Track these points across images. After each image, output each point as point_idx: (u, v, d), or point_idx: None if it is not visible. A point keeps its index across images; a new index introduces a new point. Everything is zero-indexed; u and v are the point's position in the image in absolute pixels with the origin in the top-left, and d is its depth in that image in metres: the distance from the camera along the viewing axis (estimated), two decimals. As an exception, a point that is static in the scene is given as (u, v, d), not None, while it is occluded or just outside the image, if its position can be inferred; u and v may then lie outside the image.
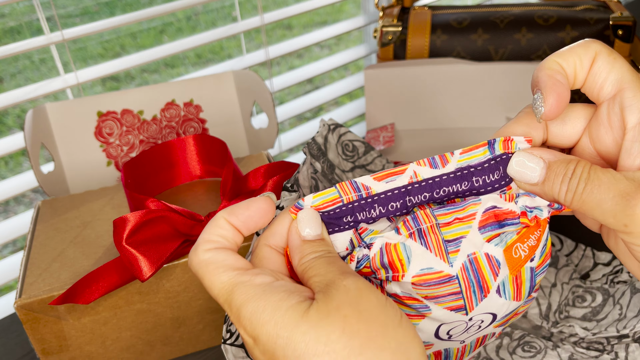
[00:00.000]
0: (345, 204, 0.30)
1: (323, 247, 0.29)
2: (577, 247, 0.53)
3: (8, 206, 1.64)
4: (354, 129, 0.91)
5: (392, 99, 0.66)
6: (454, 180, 0.30)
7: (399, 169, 0.30)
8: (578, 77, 0.29)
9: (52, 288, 0.42)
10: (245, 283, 0.27)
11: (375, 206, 0.30)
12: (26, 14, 2.50)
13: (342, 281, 0.26)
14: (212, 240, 0.29)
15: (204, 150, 0.54)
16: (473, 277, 0.30)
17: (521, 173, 0.29)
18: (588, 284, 0.50)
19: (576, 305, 0.48)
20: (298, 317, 0.25)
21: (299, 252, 0.29)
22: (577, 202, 0.28)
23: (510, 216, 0.30)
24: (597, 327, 0.46)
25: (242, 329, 0.26)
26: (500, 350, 0.45)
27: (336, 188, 0.30)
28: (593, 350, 0.44)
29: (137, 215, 0.42)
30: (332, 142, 0.51)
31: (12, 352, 0.53)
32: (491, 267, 0.30)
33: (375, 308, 0.25)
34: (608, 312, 0.47)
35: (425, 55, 0.68)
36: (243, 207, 0.29)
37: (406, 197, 0.30)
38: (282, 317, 0.25)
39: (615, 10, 0.65)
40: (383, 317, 0.25)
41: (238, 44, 2.41)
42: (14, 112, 2.03)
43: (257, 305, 0.26)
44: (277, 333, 0.25)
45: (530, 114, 0.31)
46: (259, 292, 0.26)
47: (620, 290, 0.48)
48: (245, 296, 0.26)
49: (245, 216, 0.29)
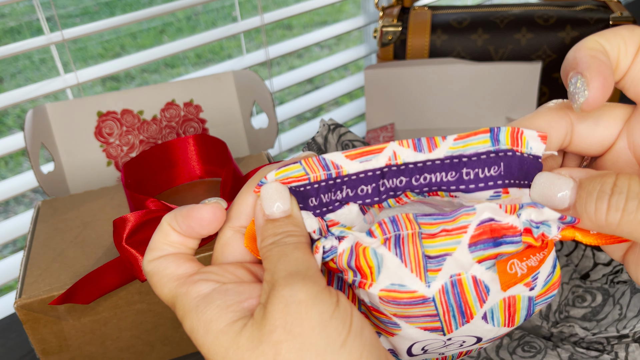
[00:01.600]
0: (312, 182, 0.26)
1: (285, 227, 0.25)
2: (577, 247, 0.53)
3: (8, 206, 1.64)
4: (354, 129, 0.91)
5: (392, 99, 0.66)
6: (439, 168, 0.25)
7: (376, 147, 0.26)
8: (620, 66, 0.24)
9: (52, 288, 0.42)
10: (183, 295, 0.24)
11: (343, 187, 0.26)
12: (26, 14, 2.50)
13: (283, 289, 0.22)
14: (156, 248, 0.26)
15: (204, 150, 0.54)
16: (454, 301, 0.24)
17: (547, 197, 0.24)
18: (588, 284, 0.50)
19: (576, 305, 0.48)
20: (228, 344, 0.22)
21: (260, 234, 0.25)
22: (627, 224, 0.21)
23: (510, 232, 0.24)
24: (597, 327, 0.46)
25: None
26: (500, 350, 0.45)
27: (301, 164, 0.26)
28: (593, 350, 0.44)
29: (137, 215, 0.42)
30: (332, 142, 0.51)
31: (12, 352, 0.53)
32: (478, 292, 0.24)
33: (314, 329, 0.21)
34: (608, 312, 0.47)
35: (425, 55, 0.68)
36: (183, 215, 0.26)
37: (379, 180, 0.26)
38: (212, 341, 0.23)
39: (615, 10, 0.65)
40: (323, 341, 0.21)
41: (238, 44, 2.41)
42: (14, 112, 2.03)
43: (192, 323, 0.23)
44: (211, 357, 0.23)
45: (555, 110, 0.26)
46: (193, 308, 0.24)
47: (620, 290, 0.48)
48: (182, 311, 0.24)
49: (186, 225, 0.26)
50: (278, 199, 0.25)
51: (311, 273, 0.23)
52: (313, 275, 0.23)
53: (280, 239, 0.24)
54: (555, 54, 0.66)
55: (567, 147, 0.26)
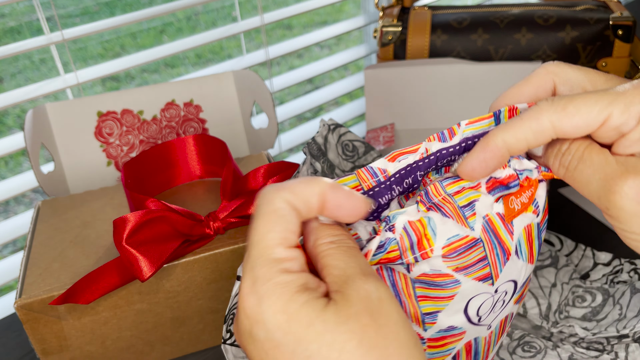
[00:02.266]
0: (366, 190, 0.30)
1: (340, 232, 0.27)
2: (577, 247, 0.53)
3: (8, 206, 1.64)
4: (354, 129, 0.91)
5: (392, 99, 0.66)
6: (458, 151, 0.31)
7: (412, 149, 0.31)
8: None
9: (52, 288, 0.42)
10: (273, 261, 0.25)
11: (393, 187, 0.31)
12: (26, 14, 2.50)
13: (364, 284, 0.24)
14: (292, 191, 0.26)
15: (204, 150, 0.54)
16: (494, 238, 0.30)
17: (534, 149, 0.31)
18: (588, 284, 0.50)
19: (576, 305, 0.48)
20: (314, 315, 0.23)
21: (315, 233, 0.27)
22: (569, 179, 0.29)
23: (511, 180, 0.31)
24: (597, 327, 0.46)
25: (247, 309, 0.24)
26: (501, 351, 0.45)
27: (355, 175, 0.30)
28: (593, 350, 0.44)
29: (137, 215, 0.42)
30: (332, 142, 0.51)
31: (12, 352, 0.53)
32: (505, 226, 0.31)
33: (396, 324, 0.24)
34: (608, 312, 0.47)
35: (425, 55, 0.68)
36: (345, 194, 0.27)
37: (417, 172, 0.31)
38: (297, 310, 0.23)
39: (615, 10, 0.65)
40: (403, 335, 0.24)
41: (238, 44, 2.41)
42: (14, 112, 2.03)
43: (272, 290, 0.24)
44: (288, 327, 0.23)
45: (542, 75, 0.31)
46: (280, 280, 0.24)
47: (620, 290, 0.48)
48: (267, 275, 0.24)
49: (339, 200, 0.26)
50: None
51: (378, 276, 0.25)
52: (380, 278, 0.25)
53: (339, 239, 0.26)
54: (555, 54, 0.66)
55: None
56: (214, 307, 0.48)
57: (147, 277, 0.41)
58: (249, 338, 0.24)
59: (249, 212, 0.46)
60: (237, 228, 0.47)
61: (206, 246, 0.46)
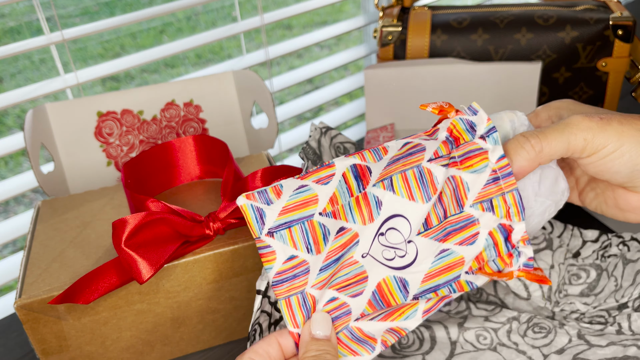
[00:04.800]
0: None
1: (325, 347, 0.35)
2: (565, 228, 0.55)
3: (8, 206, 1.64)
4: (354, 129, 0.91)
5: (392, 99, 0.66)
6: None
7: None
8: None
9: (52, 288, 0.42)
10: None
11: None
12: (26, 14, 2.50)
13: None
14: (256, 351, 0.35)
15: (204, 151, 0.54)
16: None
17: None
18: (580, 261, 0.52)
19: (572, 283, 0.50)
20: None
21: (304, 346, 0.35)
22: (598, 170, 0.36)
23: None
24: (596, 300, 0.48)
25: None
26: (512, 335, 0.46)
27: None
28: (596, 324, 0.46)
29: (136, 217, 0.42)
30: (325, 145, 0.52)
31: (12, 352, 0.53)
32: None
33: None
34: (604, 286, 0.48)
35: (425, 55, 0.68)
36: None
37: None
38: None
39: (615, 10, 0.65)
40: None
41: (238, 44, 2.41)
42: (14, 112, 2.03)
43: None
44: None
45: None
46: None
47: (612, 263, 0.50)
48: None
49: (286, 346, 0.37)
50: (324, 326, 0.36)
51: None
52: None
53: (321, 354, 0.34)
54: (555, 54, 0.66)
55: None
56: (214, 307, 0.48)
57: (146, 279, 0.41)
58: None
59: None
60: (237, 228, 0.47)
61: (206, 246, 0.46)
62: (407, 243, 0.37)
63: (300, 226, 0.36)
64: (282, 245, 0.36)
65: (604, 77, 0.67)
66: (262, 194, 0.37)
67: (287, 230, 0.36)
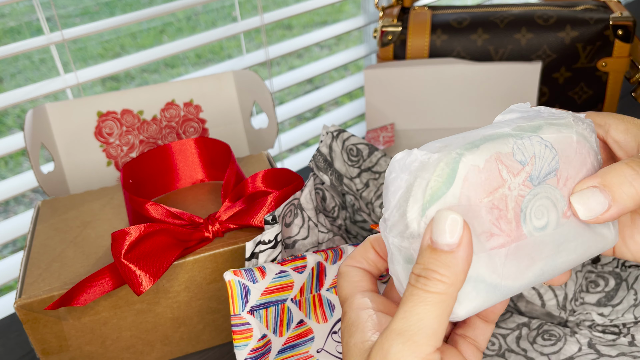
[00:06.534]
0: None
1: (437, 266, 0.25)
2: None
3: (8, 206, 1.64)
4: (354, 129, 0.91)
5: (392, 99, 0.66)
6: None
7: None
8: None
9: (52, 288, 0.42)
10: (349, 304, 0.30)
11: None
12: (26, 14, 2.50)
13: (390, 346, 0.25)
14: (355, 257, 0.32)
15: (206, 153, 0.54)
16: None
17: (592, 210, 0.28)
18: (600, 268, 0.50)
19: (590, 291, 0.48)
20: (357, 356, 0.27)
21: (418, 258, 0.26)
22: None
23: None
24: (613, 312, 0.47)
25: None
26: (521, 341, 0.46)
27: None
28: (609, 334, 0.45)
29: (137, 230, 0.42)
30: (337, 150, 0.51)
31: (12, 352, 0.53)
32: None
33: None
34: (623, 297, 0.47)
35: (425, 55, 0.68)
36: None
37: None
38: (347, 353, 0.28)
39: (615, 10, 0.65)
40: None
41: (238, 44, 2.41)
42: (14, 112, 2.03)
43: (343, 333, 0.29)
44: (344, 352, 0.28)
45: None
46: (346, 322, 0.29)
47: (633, 274, 0.48)
48: (343, 319, 0.30)
49: (383, 249, 0.32)
50: (451, 228, 0.24)
51: (432, 341, 0.25)
52: (428, 341, 0.25)
53: (425, 280, 0.25)
54: (555, 54, 0.66)
55: None
56: (214, 307, 0.48)
57: (145, 290, 0.41)
58: None
59: (250, 222, 0.46)
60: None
61: (206, 246, 0.46)
62: None
63: (274, 308, 0.40)
64: (259, 324, 0.39)
65: (604, 77, 0.67)
66: (248, 272, 0.39)
67: (264, 310, 0.39)
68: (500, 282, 0.26)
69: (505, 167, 0.26)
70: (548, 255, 0.28)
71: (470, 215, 0.26)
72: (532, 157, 0.27)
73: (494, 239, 0.26)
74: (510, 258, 0.27)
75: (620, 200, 0.27)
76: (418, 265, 0.25)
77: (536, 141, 0.28)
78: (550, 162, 0.28)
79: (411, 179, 0.26)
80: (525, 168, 0.27)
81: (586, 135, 0.29)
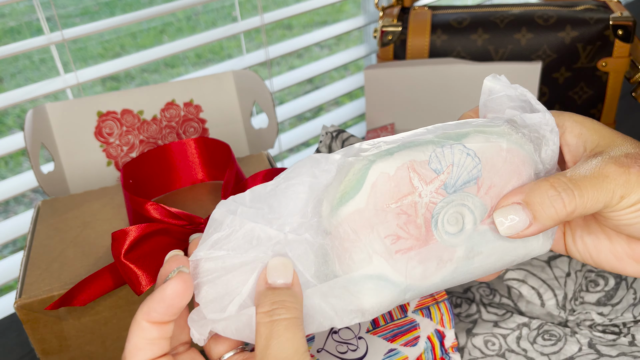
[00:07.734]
0: None
1: (283, 297, 0.26)
2: None
3: (8, 206, 1.64)
4: (353, 129, 0.91)
5: (392, 99, 0.66)
6: None
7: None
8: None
9: (52, 288, 0.42)
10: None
11: None
12: (26, 14, 2.50)
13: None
14: (140, 348, 0.27)
15: (206, 153, 0.54)
16: None
17: (512, 227, 0.28)
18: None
19: (590, 290, 0.49)
20: None
21: (258, 299, 0.27)
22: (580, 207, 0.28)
23: None
24: (612, 312, 0.47)
25: None
26: (521, 341, 0.46)
27: None
28: (610, 334, 0.45)
29: (137, 229, 0.42)
30: (336, 150, 0.51)
31: (12, 352, 0.53)
32: None
33: None
34: (622, 297, 0.47)
35: (425, 55, 0.68)
36: (158, 301, 0.27)
37: None
38: None
39: (615, 10, 0.65)
40: None
41: (238, 44, 2.41)
42: (14, 112, 2.03)
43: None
44: None
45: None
46: None
47: None
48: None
49: (165, 308, 0.27)
50: (282, 271, 0.27)
51: (297, 357, 0.25)
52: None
53: (275, 310, 0.26)
54: (555, 54, 0.66)
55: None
56: (214, 307, 0.48)
57: (145, 290, 0.41)
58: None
59: None
60: (237, 228, 0.47)
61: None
62: (358, 339, 0.42)
63: None
64: None
65: (604, 77, 0.67)
66: None
67: None
68: (404, 281, 0.28)
69: (417, 175, 0.28)
70: (460, 258, 0.29)
71: (376, 219, 0.27)
72: (449, 165, 0.28)
73: (401, 241, 0.28)
74: (418, 259, 0.28)
75: (541, 219, 0.28)
76: (263, 305, 0.26)
77: (457, 149, 0.28)
78: (470, 171, 0.28)
79: (327, 178, 0.28)
80: (440, 176, 0.28)
81: (523, 143, 0.30)
